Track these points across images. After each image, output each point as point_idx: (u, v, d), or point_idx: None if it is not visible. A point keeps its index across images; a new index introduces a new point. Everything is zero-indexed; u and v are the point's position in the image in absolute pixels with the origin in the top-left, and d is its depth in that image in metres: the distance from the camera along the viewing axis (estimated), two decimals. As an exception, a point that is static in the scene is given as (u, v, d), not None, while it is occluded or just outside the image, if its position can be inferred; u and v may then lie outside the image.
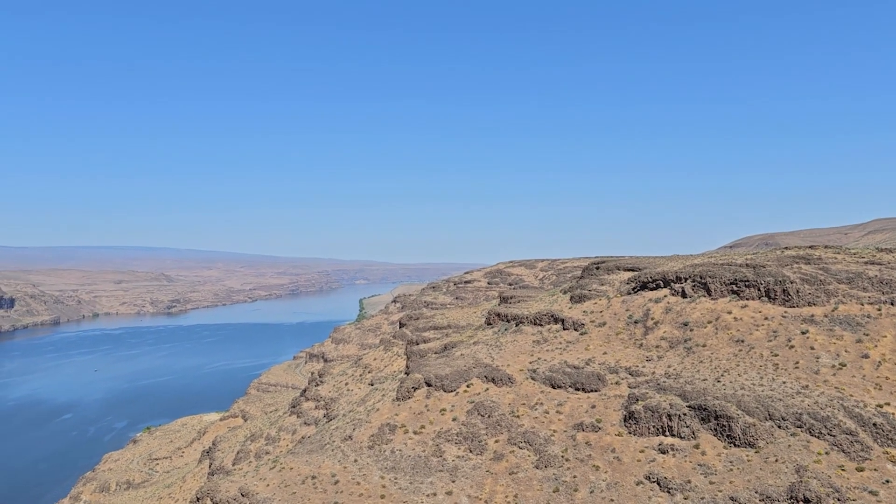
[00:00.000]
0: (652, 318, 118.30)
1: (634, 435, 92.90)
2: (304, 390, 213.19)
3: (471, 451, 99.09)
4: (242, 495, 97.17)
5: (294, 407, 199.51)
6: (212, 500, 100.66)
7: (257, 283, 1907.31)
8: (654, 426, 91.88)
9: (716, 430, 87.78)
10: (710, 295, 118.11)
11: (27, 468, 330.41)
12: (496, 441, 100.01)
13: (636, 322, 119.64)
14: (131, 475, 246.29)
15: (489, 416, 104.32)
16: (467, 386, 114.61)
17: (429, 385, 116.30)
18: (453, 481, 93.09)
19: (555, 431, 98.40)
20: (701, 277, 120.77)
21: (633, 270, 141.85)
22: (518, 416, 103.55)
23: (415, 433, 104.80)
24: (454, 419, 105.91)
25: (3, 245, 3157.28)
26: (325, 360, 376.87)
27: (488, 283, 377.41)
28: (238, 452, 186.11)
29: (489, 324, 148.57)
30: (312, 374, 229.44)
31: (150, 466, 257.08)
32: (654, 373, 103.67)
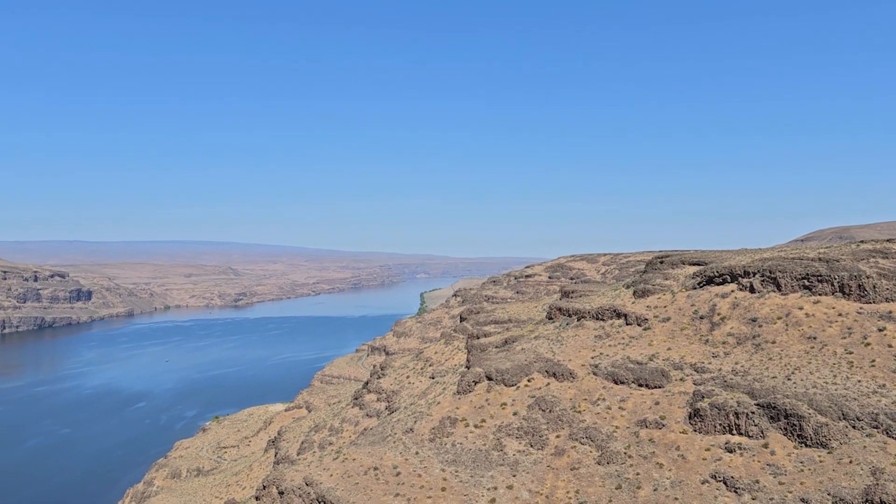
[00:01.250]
0: (718, 314, 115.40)
1: (700, 433, 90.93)
2: (367, 383, 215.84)
3: (531, 446, 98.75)
4: (307, 484, 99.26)
5: (356, 399, 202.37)
6: (277, 488, 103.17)
7: (320, 276, 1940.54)
8: (720, 424, 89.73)
9: (786, 429, 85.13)
10: (779, 290, 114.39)
11: (105, 453, 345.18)
12: (557, 436, 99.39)
13: (702, 317, 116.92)
14: (201, 462, 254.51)
15: (550, 411, 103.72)
16: (528, 380, 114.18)
17: (489, 379, 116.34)
18: (514, 475, 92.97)
19: (617, 427, 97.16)
20: (770, 272, 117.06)
21: (698, 265, 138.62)
22: (580, 412, 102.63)
23: (475, 427, 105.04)
24: (515, 413, 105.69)
25: (81, 240, 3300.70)
26: (387, 353, 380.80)
27: (549, 278, 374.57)
28: (302, 442, 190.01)
29: (550, 318, 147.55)
30: (374, 366, 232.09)
31: (219, 454, 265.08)
32: (720, 370, 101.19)
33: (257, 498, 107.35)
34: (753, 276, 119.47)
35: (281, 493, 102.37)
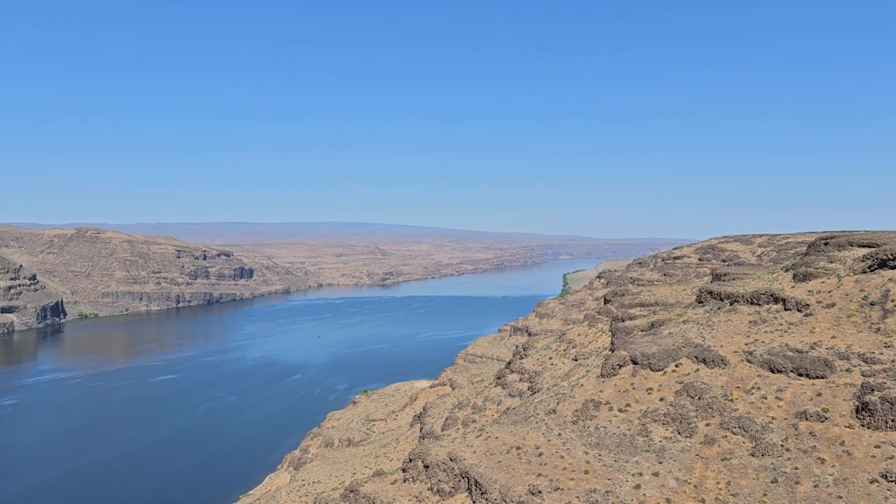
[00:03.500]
0: (892, 300, 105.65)
1: (868, 428, 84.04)
2: (509, 363, 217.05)
3: (679, 433, 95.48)
4: (451, 460, 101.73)
5: (499, 378, 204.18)
6: (423, 462, 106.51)
7: (464, 257, 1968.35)
8: (892, 420, 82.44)
9: (972, 428, 76.89)
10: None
11: (265, 420, 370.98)
12: (707, 424, 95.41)
13: (872, 304, 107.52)
14: (351, 433, 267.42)
15: (699, 398, 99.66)
16: (676, 365, 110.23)
17: (635, 363, 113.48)
18: (660, 462, 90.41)
19: (773, 419, 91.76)
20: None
21: (869, 247, 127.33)
22: (732, 400, 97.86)
23: (619, 411, 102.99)
24: (661, 399, 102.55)
25: (244, 221, 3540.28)
26: (529, 334, 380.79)
27: (699, 260, 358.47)
28: (446, 419, 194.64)
29: (700, 302, 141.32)
30: (517, 347, 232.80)
31: (368, 427, 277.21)
32: (893, 361, 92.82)
33: (404, 470, 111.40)
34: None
35: (426, 466, 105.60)
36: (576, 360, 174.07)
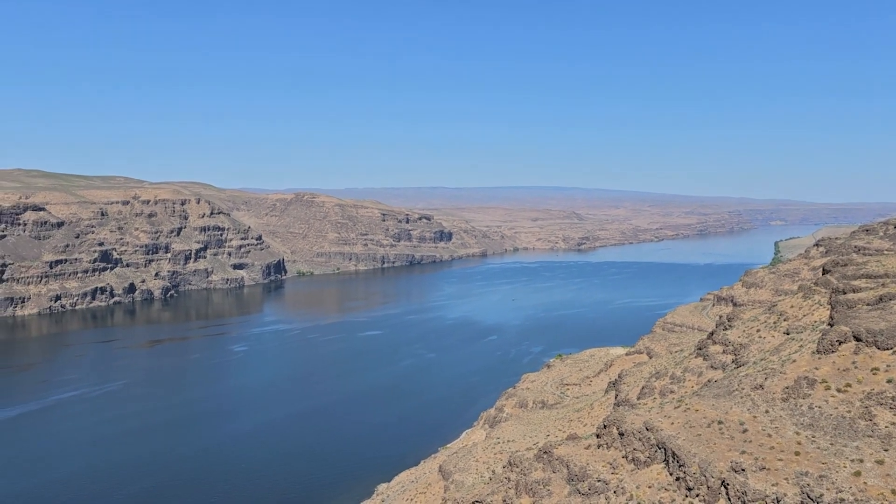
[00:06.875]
0: None
1: None
2: (712, 333, 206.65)
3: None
4: (647, 429, 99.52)
5: (700, 349, 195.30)
6: (618, 429, 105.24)
7: (664, 222, 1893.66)
8: None
9: None
10: None
11: (462, 378, 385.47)
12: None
13: None
14: (545, 396, 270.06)
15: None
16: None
17: (857, 340, 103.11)
18: (885, 450, 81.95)
19: None
20: None
21: None
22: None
23: (838, 391, 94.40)
24: (889, 381, 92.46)
25: (444, 186, 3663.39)
26: (735, 304, 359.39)
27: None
28: (643, 388, 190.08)
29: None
30: (720, 317, 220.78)
31: (562, 391, 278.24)
32: None
33: (598, 436, 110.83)
34: None
35: (621, 434, 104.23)
36: (787, 334, 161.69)
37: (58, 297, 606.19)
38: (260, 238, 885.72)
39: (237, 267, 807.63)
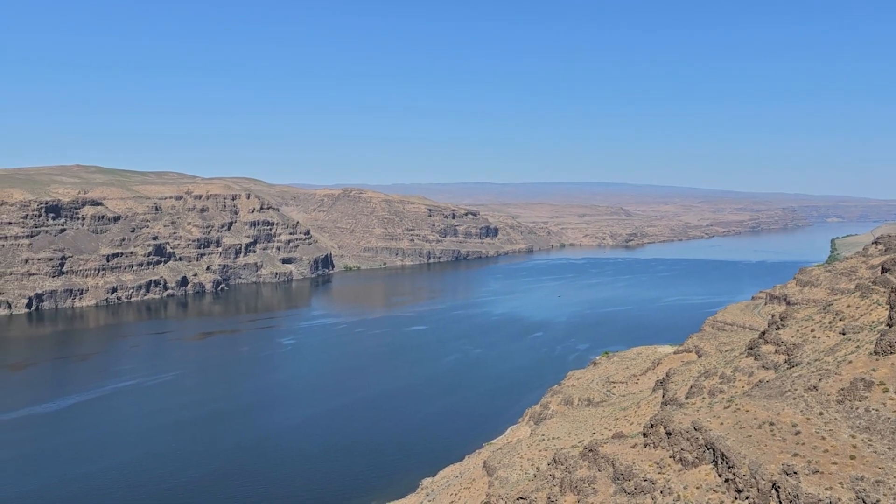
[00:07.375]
0: None
1: None
2: (764, 332, 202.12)
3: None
4: (695, 429, 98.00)
5: (751, 349, 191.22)
6: (665, 428, 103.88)
7: (714, 218, 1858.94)
8: None
9: None
10: None
11: (507, 373, 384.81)
12: None
13: None
14: (591, 394, 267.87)
15: None
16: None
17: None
18: (947, 456, 79.19)
19: None
20: None
21: None
22: None
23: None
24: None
25: (490, 182, 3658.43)
26: (788, 303, 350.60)
27: None
28: (691, 387, 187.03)
29: None
30: (773, 316, 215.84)
31: (608, 388, 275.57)
32: None
33: (645, 435, 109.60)
34: None
35: (668, 433, 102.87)
36: (843, 334, 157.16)
37: (114, 290, 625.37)
38: (308, 233, 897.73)
39: (286, 261, 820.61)
